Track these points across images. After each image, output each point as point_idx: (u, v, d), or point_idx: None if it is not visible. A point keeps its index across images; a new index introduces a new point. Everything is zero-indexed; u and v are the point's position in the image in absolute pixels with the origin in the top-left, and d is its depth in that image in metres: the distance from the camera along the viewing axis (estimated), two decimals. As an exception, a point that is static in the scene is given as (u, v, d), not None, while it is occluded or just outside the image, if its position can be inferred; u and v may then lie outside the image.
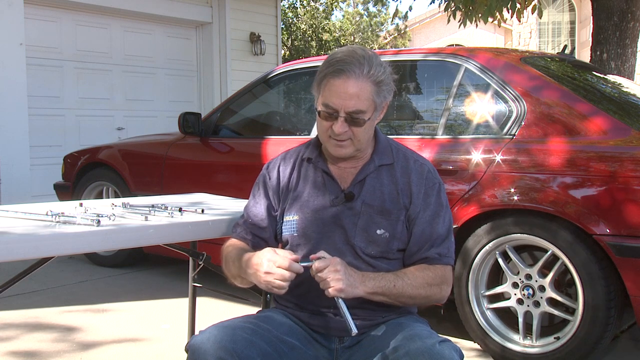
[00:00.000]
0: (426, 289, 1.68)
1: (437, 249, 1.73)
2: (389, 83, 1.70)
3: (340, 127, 1.66)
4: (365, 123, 1.68)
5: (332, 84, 1.64)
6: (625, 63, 5.81)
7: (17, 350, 3.06)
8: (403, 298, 1.67)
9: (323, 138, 1.74)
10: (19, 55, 6.47)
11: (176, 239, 2.04)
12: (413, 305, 1.77)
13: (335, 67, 1.64)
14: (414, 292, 1.67)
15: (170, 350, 3.07)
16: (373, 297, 1.64)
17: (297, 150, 1.88)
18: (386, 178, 1.76)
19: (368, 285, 1.61)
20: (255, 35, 9.01)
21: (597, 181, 2.67)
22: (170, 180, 4.28)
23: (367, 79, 1.64)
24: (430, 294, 1.70)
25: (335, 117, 1.66)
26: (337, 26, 22.91)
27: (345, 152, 1.72)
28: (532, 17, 17.87)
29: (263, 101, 4.42)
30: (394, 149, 1.81)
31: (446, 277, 1.74)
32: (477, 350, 3.08)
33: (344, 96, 1.63)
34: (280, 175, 1.85)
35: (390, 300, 1.66)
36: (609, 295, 2.64)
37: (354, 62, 1.63)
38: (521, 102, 3.02)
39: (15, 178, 6.43)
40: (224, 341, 1.52)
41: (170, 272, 4.59)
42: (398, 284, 1.65)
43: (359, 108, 1.65)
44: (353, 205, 1.74)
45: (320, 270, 1.56)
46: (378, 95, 1.68)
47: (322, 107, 1.68)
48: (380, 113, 1.74)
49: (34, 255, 1.70)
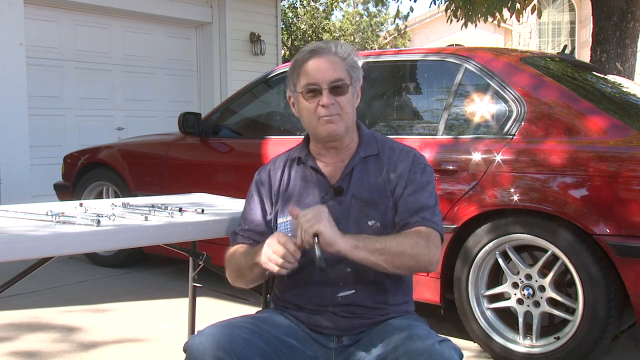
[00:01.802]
0: (412, 245, 1.63)
1: (421, 214, 1.72)
2: (356, 62, 1.81)
3: (326, 98, 1.73)
4: (348, 89, 1.75)
5: (308, 64, 1.76)
6: (625, 63, 5.82)
7: (17, 350, 3.06)
8: (388, 255, 1.61)
9: (312, 121, 1.77)
10: (19, 55, 6.48)
11: (176, 239, 2.04)
12: (401, 267, 1.65)
13: (306, 54, 1.78)
14: (399, 248, 1.61)
15: (170, 350, 3.07)
16: (355, 253, 1.59)
17: (287, 154, 1.92)
18: (372, 168, 1.79)
19: (349, 238, 1.59)
20: (255, 35, 9.01)
21: (597, 181, 2.67)
22: (170, 180, 4.28)
23: (335, 56, 1.77)
24: (418, 253, 1.63)
25: (319, 91, 1.74)
26: (337, 26, 22.92)
27: (336, 129, 1.75)
28: (532, 17, 17.86)
29: (263, 101, 4.42)
30: (379, 141, 1.85)
31: (432, 238, 1.68)
32: (477, 350, 3.08)
33: (322, 69, 1.74)
34: (271, 179, 1.87)
35: (373, 258, 1.60)
36: (609, 295, 2.64)
37: (322, 46, 1.79)
38: (521, 102, 3.02)
39: (15, 178, 6.43)
40: (222, 341, 1.52)
41: (170, 272, 4.59)
42: (381, 239, 1.63)
43: (338, 76, 1.74)
44: (343, 200, 1.76)
45: (305, 216, 1.55)
46: (352, 69, 1.78)
47: (304, 89, 1.76)
48: (357, 92, 1.82)
49: (34, 255, 1.70)
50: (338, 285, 1.72)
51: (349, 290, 1.72)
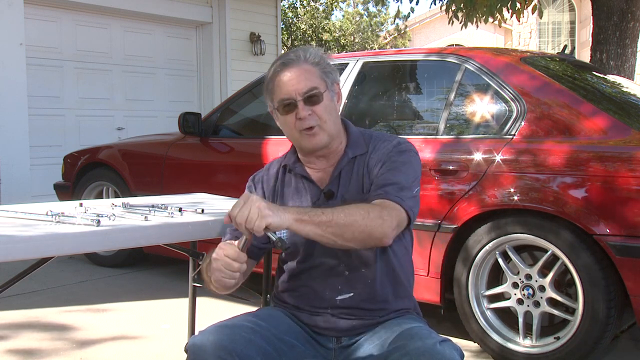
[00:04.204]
0: (363, 216, 1.52)
1: (384, 188, 1.65)
2: (328, 63, 1.77)
3: (303, 111, 1.70)
4: (322, 98, 1.71)
5: (279, 79, 1.73)
6: (625, 63, 5.81)
7: (17, 350, 3.06)
8: (336, 227, 1.51)
9: (294, 135, 1.75)
10: (19, 55, 6.47)
11: (176, 239, 2.04)
12: (352, 240, 1.54)
13: (277, 66, 1.75)
14: (348, 219, 1.51)
15: (170, 350, 3.07)
16: (301, 227, 1.51)
17: (279, 160, 1.90)
18: (357, 167, 1.76)
19: (292, 211, 1.52)
20: (255, 35, 9.01)
21: (597, 181, 2.67)
22: (170, 180, 4.28)
23: (305, 62, 1.73)
24: (369, 224, 1.52)
25: (295, 104, 1.71)
26: (337, 26, 22.90)
27: (319, 140, 1.72)
28: (532, 17, 17.87)
29: (263, 101, 4.40)
30: (366, 138, 1.81)
31: (388, 209, 1.57)
32: (477, 350, 3.07)
33: (293, 82, 1.70)
34: (264, 187, 1.87)
35: (320, 231, 1.51)
36: (609, 295, 2.64)
37: (290, 55, 1.75)
38: (521, 102, 3.02)
39: (15, 178, 6.43)
40: (223, 340, 1.52)
41: (170, 272, 4.59)
42: (328, 211, 1.54)
43: (311, 86, 1.70)
44: (334, 203, 1.73)
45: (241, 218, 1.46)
46: (325, 74, 1.74)
47: (279, 104, 1.73)
48: (336, 95, 1.78)
49: (34, 255, 1.69)
50: (337, 289, 1.72)
51: (348, 293, 1.72)
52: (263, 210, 1.46)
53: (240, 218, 1.47)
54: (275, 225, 1.47)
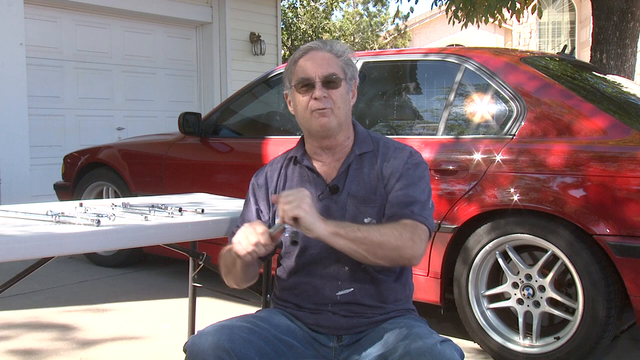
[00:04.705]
0: (396, 237, 1.60)
1: (410, 207, 1.70)
2: (351, 60, 1.83)
3: (319, 91, 1.74)
4: (341, 84, 1.76)
5: (302, 61, 1.78)
6: (625, 63, 5.81)
7: (17, 350, 3.06)
8: (370, 245, 1.58)
9: (305, 116, 1.77)
10: (19, 55, 6.47)
11: (176, 239, 2.04)
12: (383, 259, 1.62)
13: (302, 50, 1.82)
14: (382, 239, 1.59)
15: (170, 350, 3.07)
16: (335, 240, 1.57)
17: (284, 155, 1.92)
18: (367, 166, 1.79)
19: (329, 224, 1.57)
20: (255, 35, 9.01)
21: (597, 181, 2.67)
22: (170, 180, 4.28)
23: (330, 53, 1.79)
24: (401, 245, 1.60)
25: (312, 85, 1.75)
26: (337, 26, 22.91)
27: (328, 122, 1.75)
28: (532, 17, 17.86)
29: (263, 101, 4.42)
30: (374, 138, 1.86)
31: (418, 231, 1.65)
32: (477, 350, 3.08)
33: (316, 64, 1.76)
34: (268, 180, 1.88)
35: (354, 246, 1.58)
36: (609, 295, 2.64)
37: (317, 44, 1.82)
38: (521, 102, 3.02)
39: (15, 178, 6.43)
40: (222, 341, 1.52)
41: (170, 272, 4.59)
42: (363, 228, 1.61)
43: (332, 71, 1.75)
44: (339, 198, 1.76)
45: (285, 199, 1.55)
46: (347, 66, 1.80)
47: (297, 82, 1.77)
48: (352, 90, 1.83)
49: (34, 255, 1.70)
50: (337, 284, 1.73)
51: (348, 288, 1.72)
52: (304, 204, 1.53)
53: (285, 198, 1.55)
54: (305, 223, 1.53)
